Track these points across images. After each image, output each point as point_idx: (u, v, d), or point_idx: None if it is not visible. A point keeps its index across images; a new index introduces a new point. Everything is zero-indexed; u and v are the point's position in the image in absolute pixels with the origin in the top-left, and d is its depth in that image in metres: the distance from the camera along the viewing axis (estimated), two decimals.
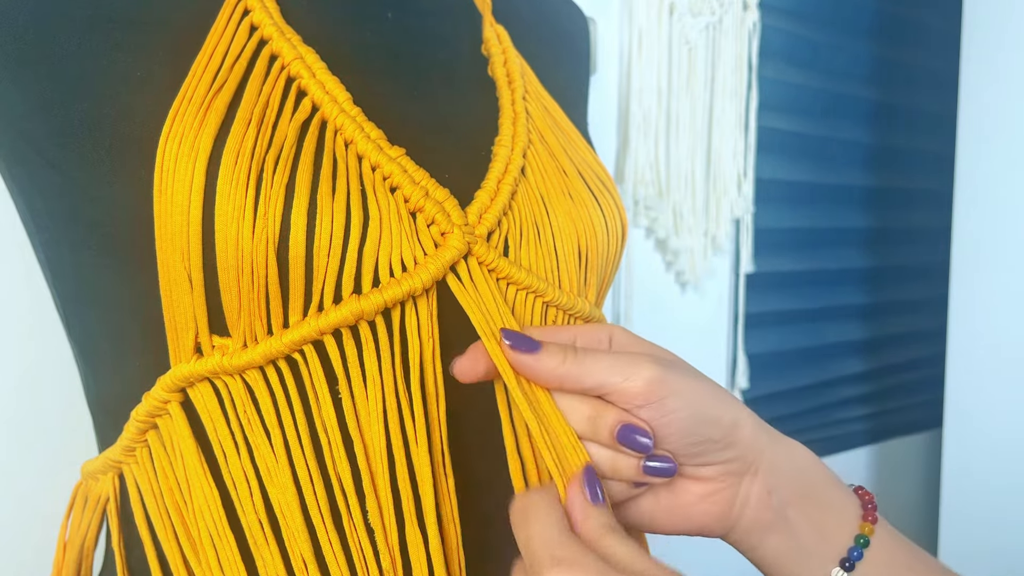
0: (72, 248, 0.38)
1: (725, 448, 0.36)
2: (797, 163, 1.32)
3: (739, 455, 0.36)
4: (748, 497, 0.37)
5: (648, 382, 0.34)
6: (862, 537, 0.36)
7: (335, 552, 0.35)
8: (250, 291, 0.34)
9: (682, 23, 1.07)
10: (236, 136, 0.34)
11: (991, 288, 1.19)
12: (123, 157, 0.35)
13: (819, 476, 0.37)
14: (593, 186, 0.46)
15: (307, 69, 0.37)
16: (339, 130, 0.37)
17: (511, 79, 0.46)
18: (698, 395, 0.35)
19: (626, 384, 0.34)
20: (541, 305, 0.42)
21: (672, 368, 0.35)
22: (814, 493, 0.37)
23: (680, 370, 0.36)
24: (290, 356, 0.35)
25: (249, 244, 0.33)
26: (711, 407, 0.35)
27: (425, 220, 0.37)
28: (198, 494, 0.36)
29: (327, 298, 0.35)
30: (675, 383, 0.35)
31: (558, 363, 0.35)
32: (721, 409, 0.36)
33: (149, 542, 0.38)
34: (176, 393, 0.37)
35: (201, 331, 0.35)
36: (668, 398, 0.34)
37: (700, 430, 0.35)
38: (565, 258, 0.43)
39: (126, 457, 0.40)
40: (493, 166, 0.41)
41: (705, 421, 0.35)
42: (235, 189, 0.33)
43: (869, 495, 0.37)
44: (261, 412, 0.36)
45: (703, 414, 0.35)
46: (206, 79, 0.35)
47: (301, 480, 0.35)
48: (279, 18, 0.39)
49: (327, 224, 0.34)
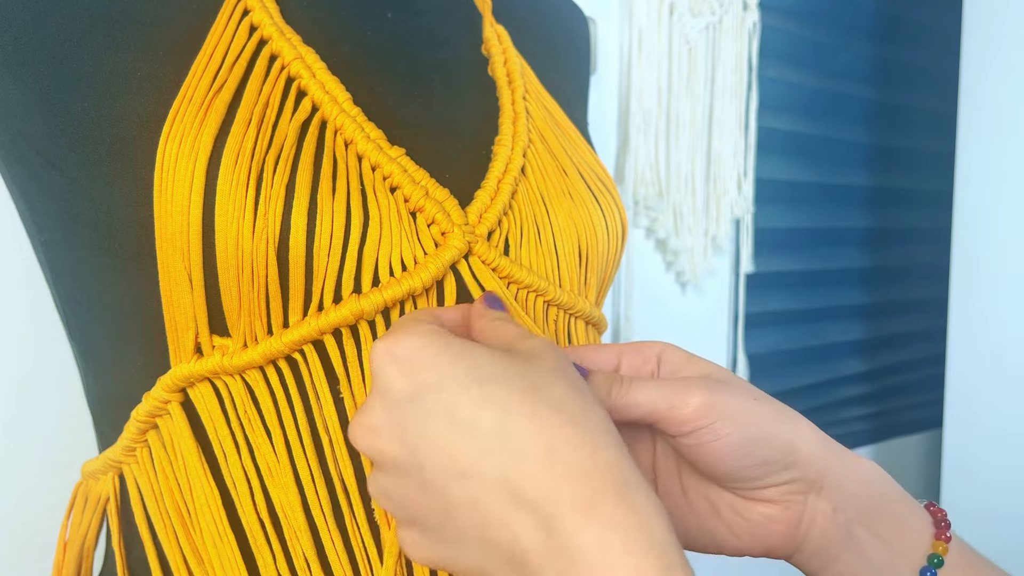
0: (72, 248, 0.38)
1: (784, 469, 0.35)
2: (797, 163, 1.32)
3: (800, 475, 0.35)
4: (814, 516, 0.35)
5: (696, 409, 0.33)
6: (935, 556, 0.34)
7: (337, 551, 0.35)
8: (250, 291, 0.34)
9: (682, 23, 1.07)
10: (236, 136, 0.34)
11: (991, 288, 1.19)
12: (123, 157, 0.35)
13: (888, 492, 0.36)
14: (593, 186, 0.46)
15: (307, 69, 0.37)
16: (339, 130, 0.37)
17: (511, 79, 0.46)
18: (750, 417, 0.34)
19: (672, 412, 0.34)
20: (542, 304, 0.42)
21: (723, 390, 0.34)
22: (883, 510, 0.35)
23: (732, 391, 0.34)
24: (290, 356, 0.36)
25: (249, 244, 0.33)
26: (765, 428, 0.34)
27: (425, 220, 0.37)
28: (198, 494, 0.36)
29: (327, 298, 0.35)
30: (725, 407, 0.34)
31: (604, 395, 0.34)
32: (776, 429, 0.34)
33: (149, 542, 0.38)
34: (176, 393, 0.37)
35: (201, 331, 0.35)
36: (718, 423, 0.33)
37: (755, 452, 0.34)
38: (565, 257, 0.43)
39: (126, 457, 0.40)
40: (493, 165, 0.41)
41: (759, 443, 0.34)
42: (235, 189, 0.33)
43: (942, 512, 0.36)
44: (262, 412, 0.36)
45: (756, 436, 0.34)
46: (206, 79, 0.35)
47: (303, 479, 0.35)
48: (279, 18, 0.39)
49: (327, 224, 0.34)
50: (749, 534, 0.36)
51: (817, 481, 0.35)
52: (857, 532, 0.35)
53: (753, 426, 0.34)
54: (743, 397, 0.34)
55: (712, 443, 0.34)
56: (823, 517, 0.35)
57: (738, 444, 0.34)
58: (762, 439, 0.34)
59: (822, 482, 0.35)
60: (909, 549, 0.35)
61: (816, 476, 0.35)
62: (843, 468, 0.35)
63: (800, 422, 0.35)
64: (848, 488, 0.35)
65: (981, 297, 1.20)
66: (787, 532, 0.36)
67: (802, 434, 0.35)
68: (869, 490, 0.35)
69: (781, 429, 0.34)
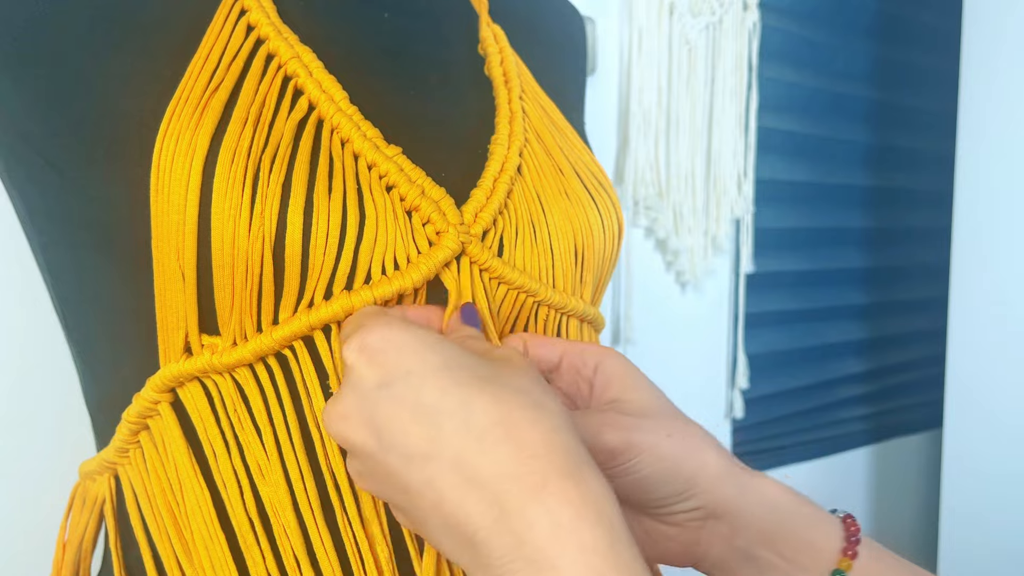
0: (70, 248, 0.38)
1: (684, 500, 0.37)
2: (797, 163, 1.32)
3: (699, 504, 0.37)
4: (712, 539, 0.37)
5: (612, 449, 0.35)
6: (838, 572, 0.36)
7: (327, 549, 0.35)
8: (243, 288, 0.34)
9: (682, 23, 1.07)
10: (232, 135, 0.34)
11: (991, 288, 1.19)
12: (121, 157, 0.35)
13: (795, 514, 0.37)
14: (589, 185, 0.46)
15: (304, 68, 0.37)
16: (335, 129, 0.37)
17: (508, 78, 0.46)
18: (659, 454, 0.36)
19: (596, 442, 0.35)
20: (532, 304, 0.41)
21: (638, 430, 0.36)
22: (787, 532, 0.37)
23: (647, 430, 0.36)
24: (280, 353, 0.36)
25: (245, 242, 0.33)
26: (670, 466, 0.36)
27: (421, 219, 0.37)
28: (189, 495, 0.36)
29: (319, 295, 0.35)
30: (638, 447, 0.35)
31: None
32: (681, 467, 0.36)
33: (144, 543, 0.38)
34: (166, 394, 0.37)
35: (191, 330, 0.35)
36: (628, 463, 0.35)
37: (659, 487, 0.36)
38: (561, 257, 0.43)
39: (120, 458, 0.40)
40: (489, 165, 0.41)
41: (663, 480, 0.36)
42: (232, 187, 0.33)
43: (855, 527, 0.37)
44: (251, 410, 0.36)
45: (662, 473, 0.36)
46: (203, 79, 0.35)
47: (292, 477, 0.35)
48: (276, 18, 0.39)
49: (324, 223, 0.34)
50: (643, 543, 0.38)
51: (715, 511, 0.37)
52: (758, 553, 0.37)
53: (660, 463, 0.36)
54: (656, 434, 0.36)
55: (621, 478, 0.36)
56: (720, 540, 0.37)
57: (644, 480, 0.36)
58: (667, 476, 0.36)
59: (721, 511, 0.37)
60: (813, 567, 0.36)
61: (714, 507, 0.37)
62: (743, 498, 0.37)
63: (706, 455, 0.37)
64: (748, 516, 0.37)
65: (981, 297, 1.20)
66: (683, 551, 0.38)
67: (706, 469, 0.36)
68: (773, 515, 0.37)
69: (685, 466, 0.36)
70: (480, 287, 0.39)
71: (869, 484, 1.48)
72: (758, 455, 1.30)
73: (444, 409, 0.28)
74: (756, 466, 0.39)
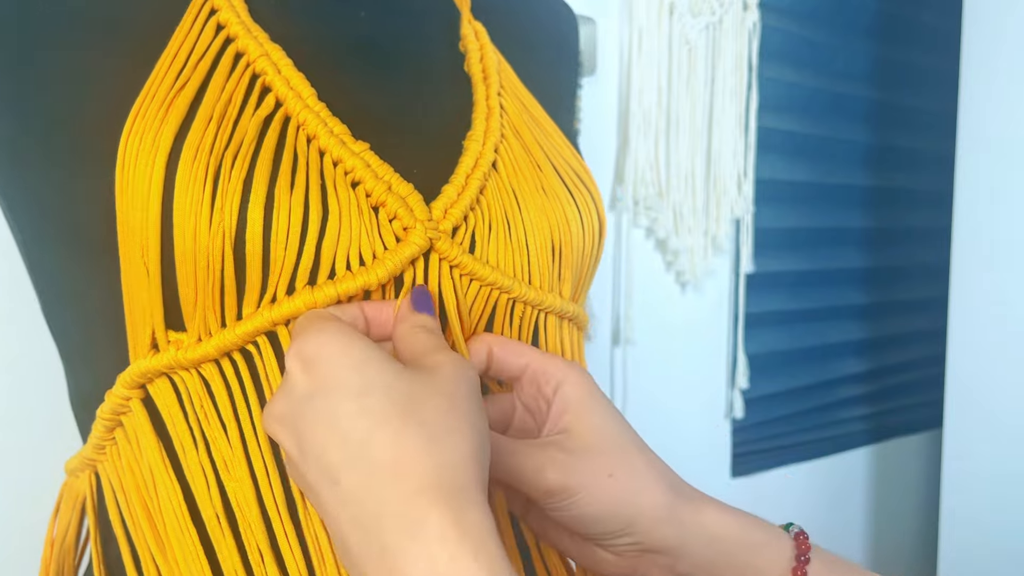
0: (46, 245, 0.38)
1: (622, 537, 0.37)
2: (797, 163, 1.32)
3: (638, 540, 0.37)
4: (650, 569, 0.38)
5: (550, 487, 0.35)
6: None
7: (291, 544, 0.36)
8: (206, 284, 0.34)
9: (682, 23, 1.07)
10: (196, 132, 0.34)
11: (991, 288, 1.19)
12: (89, 155, 0.35)
13: (738, 543, 0.37)
14: (569, 181, 0.46)
15: (272, 66, 0.37)
16: (302, 125, 0.37)
17: (487, 74, 0.46)
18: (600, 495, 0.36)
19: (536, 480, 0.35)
20: (506, 301, 0.41)
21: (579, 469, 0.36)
22: (730, 560, 0.37)
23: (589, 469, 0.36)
24: (245, 349, 0.36)
25: (206, 238, 0.33)
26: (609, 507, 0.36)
27: (387, 215, 0.37)
28: (161, 490, 0.37)
29: (281, 290, 0.35)
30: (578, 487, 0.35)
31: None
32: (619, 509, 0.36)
33: (123, 539, 0.39)
34: (137, 390, 0.37)
35: (157, 326, 0.36)
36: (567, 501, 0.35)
37: (598, 525, 0.36)
38: (537, 253, 0.42)
39: (98, 455, 0.40)
40: (462, 160, 0.41)
41: (603, 519, 0.36)
42: (193, 184, 0.33)
43: (806, 545, 0.37)
44: (217, 405, 0.36)
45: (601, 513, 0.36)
46: (170, 77, 0.36)
47: (257, 472, 0.36)
48: (246, 17, 0.39)
49: (284, 218, 0.34)
50: (587, 565, 0.39)
51: (655, 544, 0.37)
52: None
53: (598, 504, 0.36)
54: (596, 476, 0.36)
55: (560, 512, 0.36)
56: (660, 570, 0.37)
57: (583, 517, 0.36)
58: (605, 516, 0.36)
59: (660, 544, 0.37)
60: None
61: (652, 544, 0.37)
62: (683, 536, 0.37)
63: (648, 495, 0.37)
64: (688, 549, 0.37)
65: (981, 297, 1.20)
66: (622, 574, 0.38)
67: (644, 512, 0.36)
68: (715, 546, 0.37)
69: (623, 510, 0.36)
70: (449, 283, 0.38)
71: (869, 484, 1.48)
72: (758, 455, 1.30)
73: (352, 437, 0.29)
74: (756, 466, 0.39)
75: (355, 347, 0.31)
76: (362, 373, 0.30)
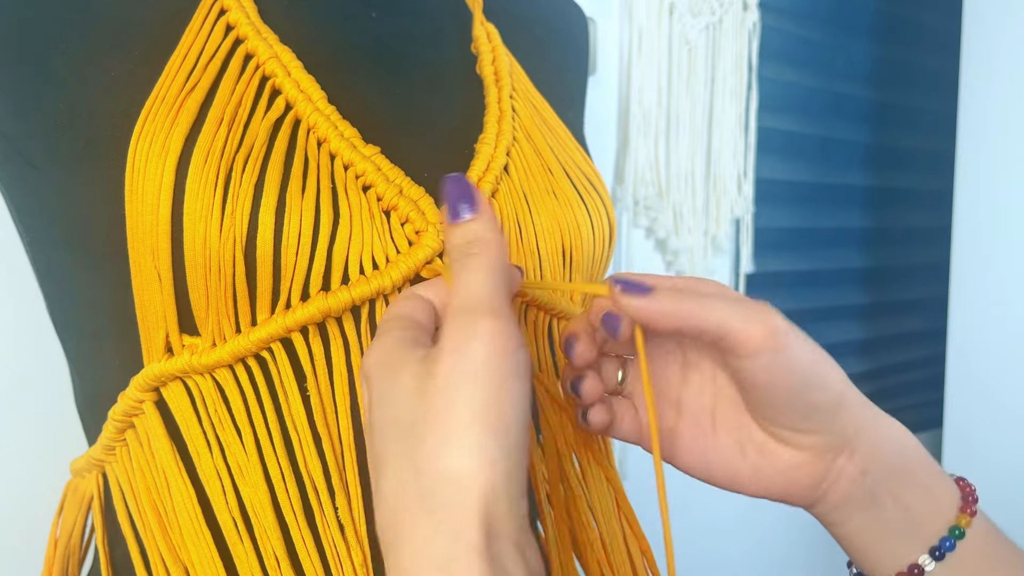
0: (53, 248, 0.38)
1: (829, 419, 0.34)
2: (797, 163, 1.32)
3: (840, 428, 0.34)
4: (840, 475, 0.35)
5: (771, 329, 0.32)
6: (957, 528, 0.34)
7: (308, 548, 0.35)
8: (218, 289, 0.34)
9: (682, 23, 1.07)
10: (207, 135, 0.34)
11: (991, 288, 1.19)
12: (98, 157, 0.35)
13: (919, 461, 0.35)
14: (579, 185, 0.46)
15: (282, 68, 0.37)
16: (312, 128, 0.37)
17: (499, 77, 0.46)
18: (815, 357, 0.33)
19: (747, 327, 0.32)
20: (520, 304, 0.41)
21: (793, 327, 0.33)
22: (912, 478, 0.35)
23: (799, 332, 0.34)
24: (259, 354, 0.35)
25: (217, 243, 0.33)
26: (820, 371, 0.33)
27: (399, 218, 0.37)
28: (175, 493, 0.36)
29: (295, 296, 0.35)
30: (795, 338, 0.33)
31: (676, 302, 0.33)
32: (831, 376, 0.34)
33: (132, 540, 0.38)
34: (150, 393, 0.37)
35: (171, 330, 0.35)
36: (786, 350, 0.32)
37: (809, 394, 0.33)
38: (548, 256, 0.42)
39: (107, 456, 0.40)
40: (474, 164, 0.41)
41: (816, 386, 0.33)
42: (204, 188, 0.33)
43: (970, 487, 0.36)
44: (232, 410, 0.36)
45: (816, 378, 0.33)
46: (179, 79, 0.35)
47: (272, 477, 0.35)
48: (256, 18, 0.38)
49: (295, 223, 0.34)
50: (771, 479, 0.36)
51: (852, 440, 0.35)
52: (881, 497, 0.35)
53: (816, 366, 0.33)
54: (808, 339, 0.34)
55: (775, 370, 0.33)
56: (847, 479, 0.35)
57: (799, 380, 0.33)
58: (818, 381, 0.33)
59: (856, 443, 0.35)
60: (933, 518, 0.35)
61: (852, 434, 0.34)
62: (878, 432, 0.35)
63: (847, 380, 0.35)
64: (880, 453, 0.35)
65: (981, 297, 1.20)
66: (810, 484, 0.35)
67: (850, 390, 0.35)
68: (900, 458, 0.35)
69: (836, 379, 0.34)
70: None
71: None
72: None
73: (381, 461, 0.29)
74: None
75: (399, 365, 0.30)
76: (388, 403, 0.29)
